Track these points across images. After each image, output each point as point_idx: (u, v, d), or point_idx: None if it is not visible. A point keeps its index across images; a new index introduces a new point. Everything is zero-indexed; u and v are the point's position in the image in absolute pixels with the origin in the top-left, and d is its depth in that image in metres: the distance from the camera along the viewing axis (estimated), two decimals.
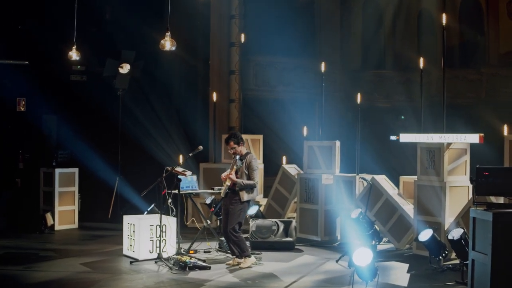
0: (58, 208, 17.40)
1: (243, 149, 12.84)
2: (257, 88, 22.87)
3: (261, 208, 17.09)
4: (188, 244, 14.05)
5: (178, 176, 13.15)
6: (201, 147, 13.34)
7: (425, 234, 12.53)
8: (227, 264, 12.81)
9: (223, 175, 12.75)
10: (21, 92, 20.13)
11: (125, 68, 19.09)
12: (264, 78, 22.96)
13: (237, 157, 12.69)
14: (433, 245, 12.46)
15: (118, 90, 19.29)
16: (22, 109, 20.50)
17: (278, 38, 21.86)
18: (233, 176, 12.52)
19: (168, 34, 12.70)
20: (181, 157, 17.27)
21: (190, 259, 12.55)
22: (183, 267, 12.25)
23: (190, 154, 13.41)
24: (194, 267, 12.28)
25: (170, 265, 12.44)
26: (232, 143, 12.76)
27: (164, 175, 12.89)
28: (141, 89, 20.42)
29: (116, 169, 18.89)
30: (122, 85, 19.30)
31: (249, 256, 12.77)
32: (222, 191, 12.87)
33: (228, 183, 12.68)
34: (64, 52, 16.61)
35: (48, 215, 16.97)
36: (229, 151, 12.94)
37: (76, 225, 17.68)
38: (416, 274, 12.30)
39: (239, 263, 12.72)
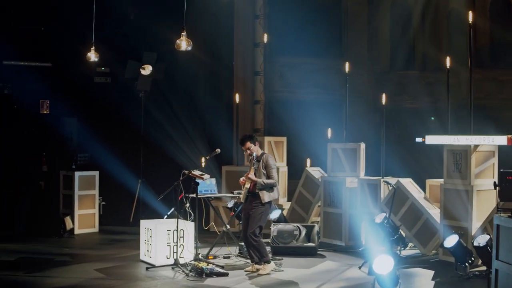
0: (78, 212, 17.15)
1: (258, 150, 12.46)
2: (282, 89, 22.45)
3: (284, 212, 16.71)
4: (207, 249, 13.68)
5: (196, 180, 12.79)
6: (218, 150, 12.97)
7: (451, 240, 12.07)
8: (245, 271, 12.43)
9: (242, 179, 12.36)
10: (44, 94, 19.98)
11: (147, 70, 18.77)
12: (290, 80, 22.51)
13: (254, 155, 12.30)
14: (459, 252, 11.99)
15: (140, 92, 18.97)
16: (46, 111, 20.28)
17: (303, 39, 21.43)
18: (252, 176, 12.14)
19: (183, 33, 12.34)
20: (203, 160, 16.92)
21: (208, 265, 12.18)
22: (200, 273, 11.89)
23: (207, 157, 13.04)
24: (211, 274, 11.91)
25: (187, 272, 12.08)
26: (248, 143, 12.38)
27: (181, 178, 12.54)
28: (163, 91, 20.14)
29: (137, 172, 18.56)
30: (143, 87, 18.98)
31: (269, 262, 12.38)
32: (241, 196, 12.50)
33: (247, 185, 12.31)
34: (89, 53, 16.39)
35: (68, 219, 16.69)
36: (244, 152, 12.55)
37: (96, 229, 17.41)
38: (441, 282, 11.83)
39: (258, 270, 12.33)
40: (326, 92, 22.50)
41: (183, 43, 12.44)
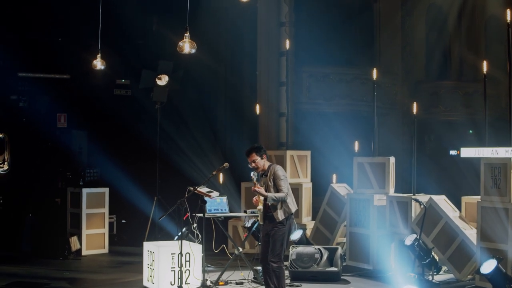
0: (85, 232, 16.00)
1: (266, 163, 11.03)
2: (310, 101, 21.27)
3: (308, 232, 15.41)
4: (218, 274, 12.42)
5: (204, 198, 11.52)
6: (227, 164, 11.64)
7: (488, 266, 10.70)
8: None
9: (255, 198, 10.94)
10: (61, 107, 19.12)
11: (163, 80, 17.58)
12: (318, 90, 21.33)
13: (252, 173, 10.87)
14: (497, 279, 10.64)
15: (156, 104, 17.78)
16: (63, 125, 19.29)
17: (331, 47, 20.33)
18: (261, 189, 10.62)
19: (187, 34, 11.10)
20: (221, 176, 15.73)
21: None
22: None
23: (214, 173, 11.72)
24: None
25: None
26: (254, 154, 10.86)
27: (186, 196, 11.26)
28: (179, 104, 19.06)
29: (152, 188, 17.35)
30: (160, 98, 17.78)
31: None
32: (259, 218, 11.16)
33: (260, 206, 10.96)
34: (107, 65, 15.38)
35: (74, 239, 15.54)
36: (249, 165, 11.12)
37: (106, 250, 16.24)
38: None
39: None
40: (356, 103, 21.35)
41: (186, 45, 11.21)
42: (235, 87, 20.57)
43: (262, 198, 10.60)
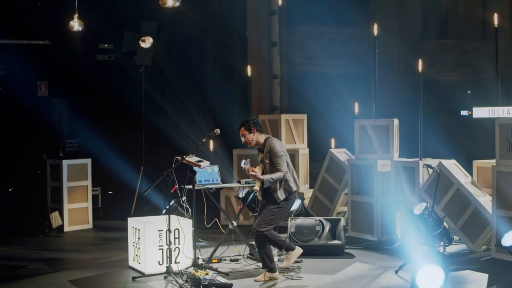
0: (67, 206, 14.85)
1: (260, 137, 9.98)
2: (303, 62, 20.20)
3: (305, 202, 14.32)
4: (210, 250, 11.40)
5: (192, 168, 10.42)
6: (217, 130, 10.53)
7: (511, 238, 9.61)
8: (256, 280, 10.04)
9: (245, 167, 9.85)
10: (41, 75, 18.07)
11: (147, 42, 16.42)
12: (311, 51, 20.25)
13: (243, 162, 9.88)
14: None
15: (140, 68, 16.64)
16: (44, 93, 18.16)
17: (326, 5, 19.16)
18: (257, 173, 9.66)
19: None
20: (211, 143, 14.65)
21: (207, 274, 9.75)
22: (197, 285, 9.52)
23: (204, 140, 10.61)
24: (210, 285, 9.53)
25: (181, 283, 9.72)
26: (243, 128, 9.94)
27: (173, 166, 10.17)
28: (166, 67, 17.88)
29: (139, 159, 16.26)
30: (144, 62, 16.63)
31: (271, 271, 10.03)
32: (258, 194, 10.11)
33: (257, 186, 9.96)
34: (87, 30, 14.30)
35: (55, 215, 14.41)
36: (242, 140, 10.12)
37: (90, 225, 15.12)
38: None
39: (271, 278, 9.98)
40: (351, 64, 20.30)
41: None
42: (224, 48, 19.46)
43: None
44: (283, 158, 9.69)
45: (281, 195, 9.71)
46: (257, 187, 9.97)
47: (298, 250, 10.17)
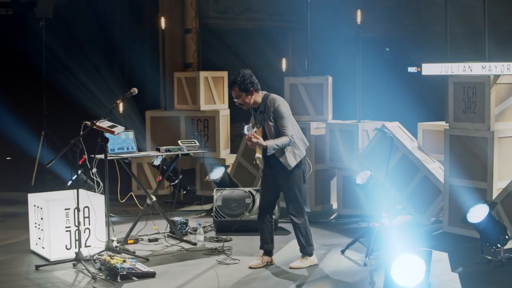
0: None
1: (257, 97, 8.42)
2: (219, 15, 18.54)
3: (229, 170, 12.88)
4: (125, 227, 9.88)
5: (104, 135, 8.83)
6: (135, 90, 8.96)
7: (479, 213, 8.38)
8: (251, 267, 8.53)
9: (249, 136, 8.17)
10: None
11: None
12: (227, 3, 18.61)
13: (246, 128, 8.21)
14: (491, 229, 8.33)
15: (40, 21, 14.84)
16: None
17: None
18: (259, 139, 8.10)
19: None
20: (121, 106, 13.03)
21: (124, 261, 8.20)
22: (114, 275, 7.99)
23: (119, 101, 9.02)
24: (129, 275, 8.00)
25: (94, 271, 8.16)
26: (237, 89, 8.35)
27: (81, 133, 8.55)
28: (70, 18, 16.13)
29: (37, 122, 14.53)
30: (44, 14, 14.84)
31: (310, 255, 8.59)
32: (259, 162, 8.67)
33: (259, 154, 8.60)
34: None
35: None
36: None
37: None
38: (468, 273, 8.14)
39: (270, 261, 8.67)
40: (271, 17, 18.71)
41: None
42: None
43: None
44: (288, 120, 8.20)
45: (291, 161, 8.22)
46: (258, 154, 8.59)
47: (315, 259, 8.68)
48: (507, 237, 8.41)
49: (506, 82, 9.72)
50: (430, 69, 10.38)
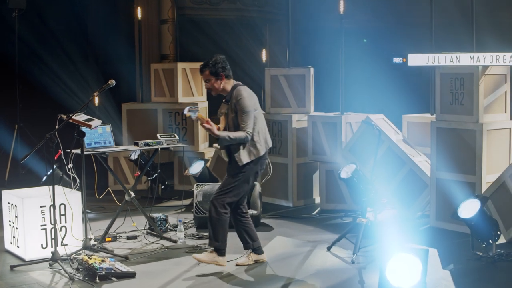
0: None
1: (227, 84, 8.10)
2: (195, 6, 18.21)
3: (208, 164, 12.55)
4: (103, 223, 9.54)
5: (81, 129, 8.48)
6: (112, 82, 8.62)
7: (470, 208, 8.12)
8: (238, 264, 8.26)
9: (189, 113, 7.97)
10: None
11: None
12: None
13: (186, 109, 7.97)
14: (483, 224, 8.07)
15: (13, 12, 14.43)
16: None
17: None
18: (211, 127, 7.74)
19: None
20: (96, 99, 12.65)
21: (103, 261, 7.87)
22: (92, 275, 7.66)
23: (95, 94, 8.68)
24: (108, 276, 7.67)
25: (71, 272, 7.81)
26: (207, 72, 8.07)
27: (56, 127, 8.20)
28: (44, 9, 15.73)
29: (10, 116, 14.13)
30: (18, 5, 14.41)
31: (220, 253, 8.05)
32: (223, 154, 8.19)
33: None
34: None
35: None
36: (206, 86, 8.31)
37: None
38: (459, 270, 7.89)
39: (257, 261, 8.28)
40: (247, 8, 18.40)
41: None
42: None
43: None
44: (249, 115, 7.82)
45: (244, 157, 7.82)
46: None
47: (225, 260, 8.27)
48: (499, 232, 8.17)
49: (495, 73, 9.48)
50: (416, 59, 10.09)
